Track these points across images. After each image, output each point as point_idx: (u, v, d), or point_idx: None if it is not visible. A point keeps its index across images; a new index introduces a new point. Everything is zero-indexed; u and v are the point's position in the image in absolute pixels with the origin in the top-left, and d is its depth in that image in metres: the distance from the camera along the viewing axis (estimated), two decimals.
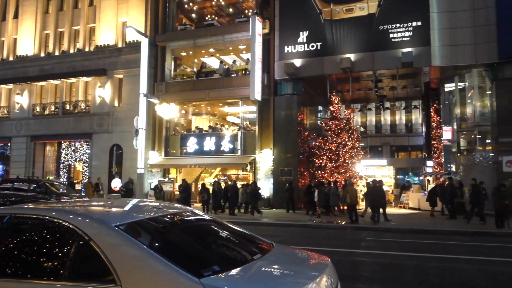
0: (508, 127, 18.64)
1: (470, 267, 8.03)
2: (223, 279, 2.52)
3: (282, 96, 22.33)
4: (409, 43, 19.73)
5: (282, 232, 13.56)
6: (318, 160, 22.99)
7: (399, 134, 43.27)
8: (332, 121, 23.51)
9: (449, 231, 13.61)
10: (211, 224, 3.74)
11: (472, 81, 22.69)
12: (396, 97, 31.69)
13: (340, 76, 22.92)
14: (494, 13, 18.71)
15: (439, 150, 27.59)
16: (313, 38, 21.46)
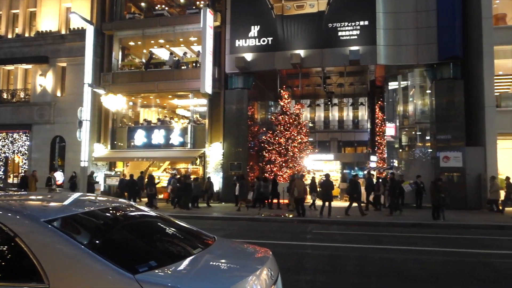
0: (445, 124, 19.75)
1: (407, 257, 8.44)
2: (159, 274, 2.46)
3: (233, 90, 22.28)
4: (356, 41, 20.32)
5: (229, 226, 13.57)
6: (267, 154, 23.25)
7: (346, 130, 44.68)
8: (282, 116, 23.85)
9: (389, 223, 14.24)
10: (151, 219, 3.65)
11: (414, 80, 23.78)
12: (343, 93, 32.62)
13: (290, 72, 23.22)
14: (435, 16, 19.65)
15: (382, 145, 28.73)
16: (264, 33, 21.55)
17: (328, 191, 16.10)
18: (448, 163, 19.24)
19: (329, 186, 16.29)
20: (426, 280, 6.60)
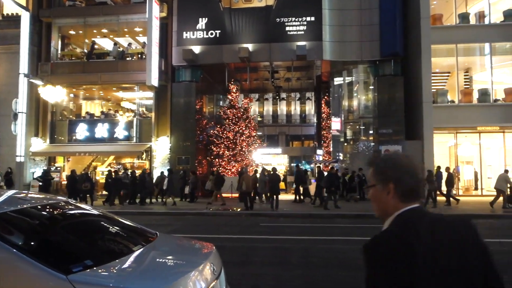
0: (386, 119, 20.62)
1: (350, 247, 8.72)
2: (93, 273, 2.35)
3: (180, 83, 21.89)
4: (303, 37, 20.64)
5: (176, 221, 13.37)
6: (216, 148, 23.14)
7: (294, 124, 45.45)
8: (230, 109, 23.83)
9: (334, 214, 14.67)
10: (92, 217, 3.49)
11: (358, 76, 24.60)
12: (291, 88, 33.14)
13: (238, 65, 23.19)
14: (377, 14, 20.39)
15: (328, 139, 29.55)
16: (212, 25, 21.31)
17: (275, 184, 16.30)
18: None
19: (276, 179, 16.49)
20: None
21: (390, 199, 1.53)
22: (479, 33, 20.97)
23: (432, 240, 1.39)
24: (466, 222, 1.52)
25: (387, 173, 1.55)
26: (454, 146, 21.33)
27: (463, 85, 22.20)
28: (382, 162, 1.60)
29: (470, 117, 20.22)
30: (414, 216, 1.48)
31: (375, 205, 1.61)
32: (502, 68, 22.19)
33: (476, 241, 1.47)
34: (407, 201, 1.52)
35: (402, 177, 1.52)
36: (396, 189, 1.52)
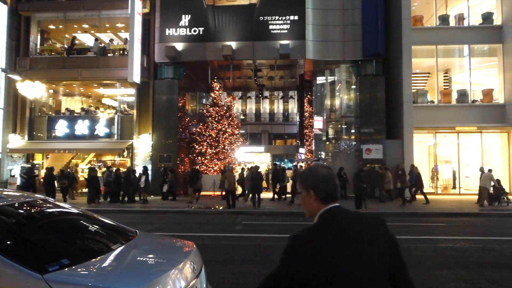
0: (368, 118, 20.84)
1: None
2: (70, 272, 2.31)
3: (163, 80, 21.69)
4: (286, 35, 20.68)
5: (157, 219, 13.27)
6: (198, 146, 23.04)
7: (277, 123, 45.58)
8: (213, 107, 23.76)
9: None
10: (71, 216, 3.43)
11: (340, 76, 24.76)
12: (274, 86, 33.18)
13: (221, 63, 23.08)
14: (360, 14, 20.58)
15: (310, 138, 29.69)
16: (195, 22, 21.18)
17: (257, 182, 16.32)
18: (370, 155, 20.35)
19: (258, 177, 16.53)
20: None
21: (312, 202, 1.87)
22: (458, 35, 21.38)
23: (343, 232, 1.73)
24: (377, 218, 1.88)
25: (307, 183, 1.90)
26: (434, 146, 21.71)
27: (442, 85, 22.61)
28: (303, 175, 1.95)
29: (449, 117, 20.61)
30: (331, 214, 1.81)
31: (304, 207, 1.94)
32: (480, 69, 22.70)
33: (385, 233, 1.81)
34: (326, 203, 1.85)
35: (319, 185, 1.86)
36: (316, 195, 1.86)
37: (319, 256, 1.66)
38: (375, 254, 1.72)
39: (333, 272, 1.64)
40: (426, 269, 6.65)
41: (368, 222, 1.82)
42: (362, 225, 1.79)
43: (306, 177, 1.92)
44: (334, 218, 1.79)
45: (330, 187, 1.87)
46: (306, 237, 1.73)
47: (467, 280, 5.98)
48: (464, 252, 8.00)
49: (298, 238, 1.74)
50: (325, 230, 1.74)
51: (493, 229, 11.19)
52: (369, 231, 1.78)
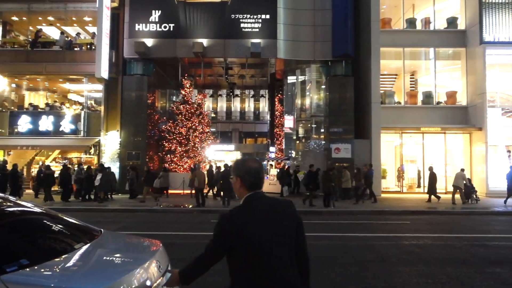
0: (337, 118, 21.16)
1: None
2: (29, 273, 2.23)
3: (132, 76, 21.28)
4: (258, 34, 20.70)
5: (125, 218, 13.02)
6: (168, 144, 22.77)
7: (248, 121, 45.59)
8: (183, 105, 23.52)
9: None
10: (33, 215, 3.31)
11: (311, 75, 25.02)
12: (245, 85, 33.18)
13: (192, 60, 22.86)
14: (330, 15, 20.83)
15: (281, 137, 29.88)
16: (166, 18, 20.87)
17: (227, 181, 16.27)
18: (339, 154, 20.67)
19: (228, 176, 16.46)
20: (316, 263, 7.00)
21: (239, 188, 2.38)
22: (424, 38, 22.01)
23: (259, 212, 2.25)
24: (287, 202, 2.43)
25: (238, 173, 2.39)
26: (400, 146, 22.28)
27: (409, 87, 23.22)
28: (236, 165, 2.46)
29: (415, 118, 21.21)
30: (253, 198, 2.32)
31: (235, 191, 2.42)
32: (445, 72, 23.45)
33: (293, 214, 2.37)
34: (251, 190, 2.35)
35: (245, 176, 2.35)
36: (242, 182, 2.36)
37: (240, 229, 2.18)
38: (281, 229, 2.26)
39: (250, 241, 2.17)
40: (391, 266, 6.82)
41: (279, 205, 2.36)
42: (274, 207, 2.32)
43: (237, 168, 2.41)
44: (254, 201, 2.30)
45: (254, 178, 2.36)
46: (231, 216, 2.26)
47: (429, 276, 6.17)
48: (427, 249, 8.25)
49: (225, 217, 2.26)
50: (246, 210, 2.28)
51: (455, 226, 11.59)
52: (279, 212, 2.31)
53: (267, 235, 2.20)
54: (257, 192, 2.35)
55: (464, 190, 17.10)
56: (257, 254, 2.17)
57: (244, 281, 2.21)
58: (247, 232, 2.18)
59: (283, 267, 2.22)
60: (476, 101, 20.63)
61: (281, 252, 2.23)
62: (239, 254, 2.20)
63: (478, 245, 8.57)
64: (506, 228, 11.33)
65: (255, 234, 2.18)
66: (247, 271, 2.20)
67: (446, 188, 21.41)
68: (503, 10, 20.40)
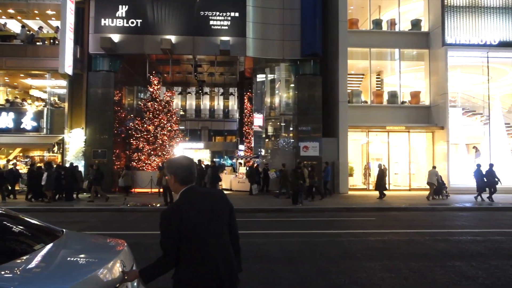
0: (305, 116, 21.38)
1: (267, 240, 8.95)
2: None
3: (98, 72, 20.75)
4: (227, 32, 20.63)
5: (91, 218, 12.70)
6: (135, 142, 22.36)
7: (217, 119, 45.40)
8: (151, 102, 23.15)
9: (253, 209, 14.93)
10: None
11: (280, 74, 25.19)
12: (214, 83, 32.98)
13: (160, 57, 22.50)
14: (299, 14, 21.01)
15: (250, 135, 29.92)
16: (133, 14, 20.46)
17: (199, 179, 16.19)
18: (307, 152, 20.90)
19: (200, 174, 16.40)
20: (283, 260, 7.08)
21: (174, 183, 2.62)
22: (390, 39, 22.57)
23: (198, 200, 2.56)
24: (219, 193, 2.77)
25: (170, 169, 2.63)
26: (366, 144, 22.76)
27: (375, 87, 23.78)
28: (168, 163, 2.70)
29: (381, 117, 21.74)
30: (188, 192, 2.59)
31: (171, 187, 2.66)
32: (409, 73, 24.14)
33: (225, 202, 2.68)
34: (184, 184, 2.60)
35: (177, 171, 2.60)
36: (176, 178, 2.60)
37: (183, 216, 2.45)
38: (217, 213, 2.57)
39: (192, 225, 2.45)
40: (356, 261, 6.97)
41: (213, 194, 2.67)
42: (208, 196, 2.62)
43: (170, 165, 2.66)
44: (189, 193, 2.57)
45: (186, 174, 2.60)
46: (171, 208, 2.53)
47: (393, 270, 6.34)
48: (391, 244, 8.47)
49: (166, 211, 2.52)
50: (184, 200, 2.54)
51: (418, 222, 11.96)
52: (213, 200, 2.61)
53: (205, 219, 2.51)
54: (191, 186, 2.61)
55: (436, 186, 17.87)
56: (199, 236, 2.46)
57: (189, 264, 2.46)
58: (188, 217, 2.45)
59: (221, 246, 2.55)
60: (439, 101, 21.34)
61: (218, 233, 2.55)
62: (184, 240, 2.44)
63: (440, 240, 8.88)
64: (466, 223, 11.78)
65: (195, 218, 2.47)
66: (191, 253, 2.45)
67: (410, 185, 22.09)
68: (464, 14, 21.17)
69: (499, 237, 9.23)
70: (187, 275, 2.44)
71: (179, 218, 2.43)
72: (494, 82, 22.82)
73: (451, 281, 5.80)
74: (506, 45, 21.10)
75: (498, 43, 20.97)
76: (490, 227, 10.96)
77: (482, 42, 20.93)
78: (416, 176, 22.98)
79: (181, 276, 2.45)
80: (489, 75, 21.87)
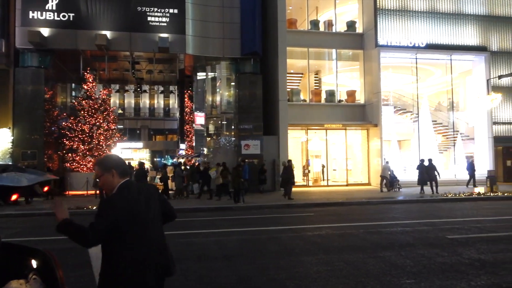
0: (246, 115, 21.48)
1: (208, 239, 8.89)
2: None
3: (26, 68, 19.48)
4: (166, 28, 20.19)
5: (18, 223, 11.90)
6: (69, 142, 21.30)
7: (157, 118, 44.41)
8: (86, 100, 22.18)
9: (195, 208, 14.78)
10: None
11: (221, 72, 25.09)
12: (153, 80, 32.19)
13: (95, 53, 21.55)
14: (238, 13, 21.04)
15: (191, 134, 29.58)
16: (65, 7, 19.42)
17: (141, 179, 15.77)
18: (248, 151, 21.02)
19: (142, 174, 16.03)
20: (222, 258, 7.06)
21: (114, 179, 2.70)
22: (327, 39, 23.28)
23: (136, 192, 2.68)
24: (152, 187, 2.99)
25: (108, 164, 2.73)
26: (306, 142, 23.34)
27: (313, 86, 24.43)
28: (103, 160, 2.82)
29: (319, 115, 22.38)
30: (125, 185, 2.69)
31: (105, 187, 2.76)
32: (346, 72, 25.08)
33: (157, 195, 2.84)
34: (123, 177, 2.72)
35: (117, 164, 2.74)
36: (117, 171, 2.70)
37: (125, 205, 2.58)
38: (152, 203, 2.74)
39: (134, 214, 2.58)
40: (294, 256, 7.11)
41: (146, 190, 2.80)
42: (143, 188, 2.79)
43: (107, 161, 2.78)
44: (128, 186, 2.69)
45: (124, 166, 2.79)
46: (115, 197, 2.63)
47: (329, 263, 6.54)
48: (328, 238, 8.74)
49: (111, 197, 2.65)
50: (125, 192, 2.64)
51: (354, 216, 12.45)
52: (146, 194, 2.74)
53: (144, 209, 2.66)
54: (128, 180, 2.74)
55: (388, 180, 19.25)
56: (140, 225, 2.60)
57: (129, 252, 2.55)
58: (130, 207, 2.58)
59: (158, 234, 2.74)
60: (372, 99, 22.34)
61: (155, 222, 2.73)
62: (123, 229, 2.54)
63: (372, 232, 9.30)
64: (398, 215, 12.45)
65: (135, 207, 2.61)
66: (131, 243, 2.56)
67: (347, 181, 22.95)
68: (395, 17, 22.34)
69: (426, 227, 9.84)
70: (127, 263, 2.53)
71: (123, 203, 2.58)
72: (422, 82, 24.31)
73: (382, 271, 6.08)
74: (432, 47, 22.54)
75: (425, 45, 22.34)
76: (419, 218, 11.65)
77: (411, 44, 22.20)
78: (352, 171, 23.94)
79: (120, 264, 2.53)
80: (418, 75, 23.27)
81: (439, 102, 26.03)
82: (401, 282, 5.51)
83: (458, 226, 9.95)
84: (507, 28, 23.81)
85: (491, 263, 6.38)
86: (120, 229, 2.53)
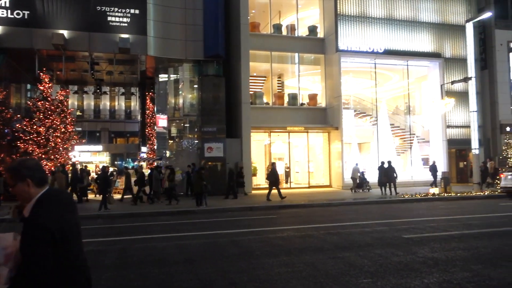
0: (210, 117, 21.38)
1: (168, 243, 8.76)
2: None
3: None
4: (126, 29, 19.80)
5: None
6: (23, 145, 20.42)
7: (118, 120, 43.40)
8: (42, 102, 21.33)
9: (156, 212, 14.56)
10: None
11: (183, 74, 24.81)
12: (114, 82, 31.42)
13: (52, 53, 20.78)
14: (201, 15, 20.95)
15: (153, 136, 29.09)
16: (19, 4, 18.65)
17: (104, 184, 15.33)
18: (211, 153, 20.92)
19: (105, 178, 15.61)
20: (183, 263, 6.99)
21: (30, 189, 2.29)
22: (289, 43, 23.59)
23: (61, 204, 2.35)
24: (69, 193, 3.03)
25: (23, 173, 2.29)
26: (269, 145, 23.50)
27: (276, 89, 24.68)
28: (18, 167, 2.33)
29: (282, 118, 22.61)
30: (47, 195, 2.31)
31: (20, 197, 2.33)
32: (308, 76, 25.49)
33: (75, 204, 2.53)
34: (40, 187, 2.32)
35: (33, 173, 2.30)
36: (32, 181, 2.29)
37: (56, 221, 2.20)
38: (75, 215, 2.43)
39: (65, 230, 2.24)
40: (255, 259, 7.13)
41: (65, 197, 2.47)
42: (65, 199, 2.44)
43: (20, 169, 2.31)
44: (52, 197, 2.33)
45: (42, 173, 2.36)
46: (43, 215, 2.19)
47: (289, 265, 6.61)
48: (289, 240, 8.84)
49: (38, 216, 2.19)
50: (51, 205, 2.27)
51: (315, 217, 12.65)
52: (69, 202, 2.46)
53: (71, 223, 2.36)
54: (49, 189, 2.38)
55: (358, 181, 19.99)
56: (71, 240, 2.30)
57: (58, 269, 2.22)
58: (61, 223, 2.25)
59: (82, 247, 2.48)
60: (333, 103, 22.82)
61: (79, 235, 2.45)
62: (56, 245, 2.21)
63: (332, 233, 9.48)
64: (357, 216, 12.75)
65: (66, 223, 2.29)
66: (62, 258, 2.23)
67: (309, 183, 23.29)
68: (355, 23, 22.95)
69: (384, 228, 10.14)
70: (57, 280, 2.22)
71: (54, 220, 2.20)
72: (381, 87, 25.09)
73: (341, 271, 6.21)
74: (390, 53, 23.31)
75: (383, 51, 23.08)
76: (378, 218, 11.99)
77: (370, 50, 22.86)
78: (314, 174, 24.33)
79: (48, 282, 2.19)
80: (377, 80, 24.00)
81: (396, 106, 26.93)
82: (358, 282, 5.65)
83: (413, 226, 10.33)
84: (459, 36, 24.98)
85: (443, 261, 6.66)
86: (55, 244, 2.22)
